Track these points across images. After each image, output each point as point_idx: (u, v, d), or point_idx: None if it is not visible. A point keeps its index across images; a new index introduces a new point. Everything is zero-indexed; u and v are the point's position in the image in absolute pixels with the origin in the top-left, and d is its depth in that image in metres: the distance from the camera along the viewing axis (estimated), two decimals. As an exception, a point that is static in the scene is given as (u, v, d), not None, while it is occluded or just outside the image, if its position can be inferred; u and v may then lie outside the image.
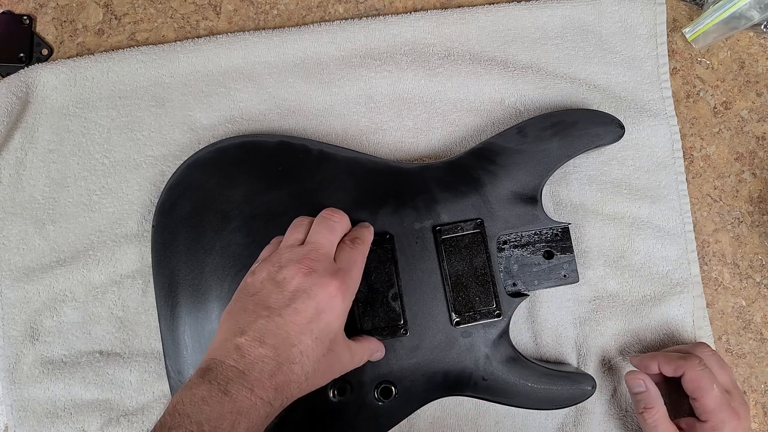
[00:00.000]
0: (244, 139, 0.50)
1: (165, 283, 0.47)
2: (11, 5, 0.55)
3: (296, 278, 0.38)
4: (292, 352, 0.36)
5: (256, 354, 0.35)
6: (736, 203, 0.55)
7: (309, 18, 0.56)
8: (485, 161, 0.49)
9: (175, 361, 0.47)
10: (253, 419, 0.34)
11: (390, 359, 0.47)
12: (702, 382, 0.45)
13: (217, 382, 0.34)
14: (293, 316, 0.37)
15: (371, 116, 0.54)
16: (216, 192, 0.48)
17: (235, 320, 0.37)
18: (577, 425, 0.51)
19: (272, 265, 0.39)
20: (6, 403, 0.50)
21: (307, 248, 0.40)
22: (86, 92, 0.53)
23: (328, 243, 0.41)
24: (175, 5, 0.56)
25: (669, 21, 0.56)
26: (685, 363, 0.46)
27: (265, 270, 0.39)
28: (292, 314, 0.37)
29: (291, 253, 0.40)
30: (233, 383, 0.34)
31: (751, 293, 0.54)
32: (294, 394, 0.37)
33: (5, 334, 0.51)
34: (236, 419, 0.33)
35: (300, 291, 0.38)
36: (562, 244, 0.49)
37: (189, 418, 0.33)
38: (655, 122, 0.54)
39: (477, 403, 0.51)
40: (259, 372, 0.35)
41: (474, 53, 0.54)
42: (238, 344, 0.36)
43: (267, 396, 0.35)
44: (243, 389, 0.34)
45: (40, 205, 0.52)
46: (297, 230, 0.42)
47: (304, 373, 0.36)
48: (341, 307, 0.39)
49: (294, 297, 0.37)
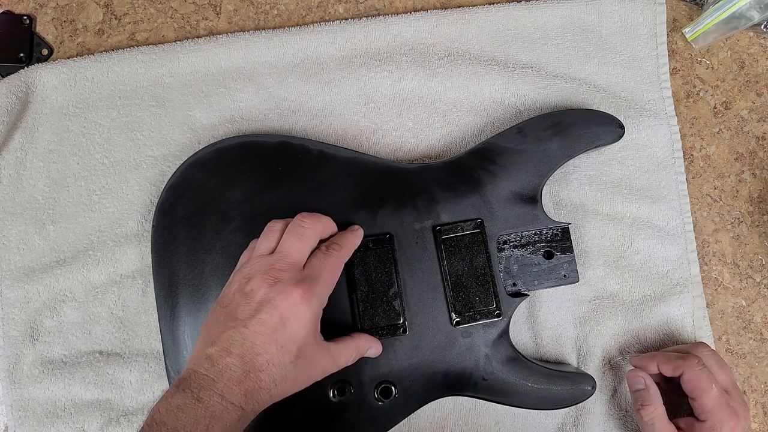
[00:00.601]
0: (244, 139, 0.50)
1: (165, 283, 0.47)
2: (11, 5, 0.55)
3: (262, 289, 0.40)
4: (257, 360, 0.38)
5: (225, 363, 0.37)
6: (736, 203, 0.55)
7: (309, 18, 0.56)
8: (485, 161, 0.49)
9: (175, 361, 0.47)
10: (226, 423, 0.36)
11: (390, 359, 0.47)
12: (701, 382, 0.46)
13: (191, 390, 0.36)
14: (258, 326, 0.38)
15: (371, 116, 0.54)
16: (216, 192, 0.48)
17: (207, 331, 0.40)
18: (577, 425, 0.51)
19: (242, 276, 0.41)
20: (6, 403, 0.50)
21: (274, 258, 0.41)
22: (86, 92, 0.53)
23: (296, 251, 0.42)
24: (175, 5, 0.56)
25: (669, 21, 0.56)
26: (684, 363, 0.46)
27: (237, 282, 0.41)
28: (257, 325, 0.38)
29: (259, 264, 0.41)
30: (205, 390, 0.36)
31: (751, 293, 0.54)
32: (264, 399, 0.38)
33: (5, 334, 0.51)
34: (209, 423, 0.36)
35: (265, 302, 0.39)
36: (562, 244, 0.49)
37: (166, 426, 0.35)
38: (655, 122, 0.54)
39: (477, 403, 0.51)
40: (227, 379, 0.37)
41: (474, 53, 0.54)
42: (208, 354, 0.38)
43: (237, 401, 0.37)
44: (214, 395, 0.36)
45: (40, 205, 0.52)
46: (268, 238, 0.43)
47: (272, 380, 0.38)
48: (307, 314, 0.40)
49: (259, 308, 0.39)
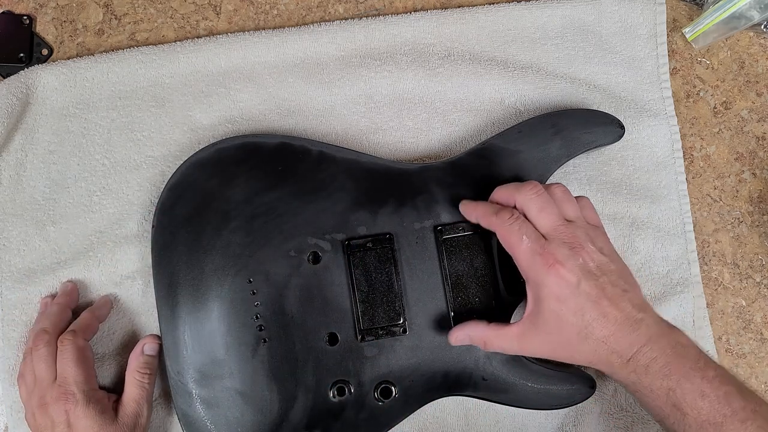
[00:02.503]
0: (244, 139, 0.50)
1: (165, 283, 0.47)
2: (11, 5, 0.55)
3: (49, 418, 0.45)
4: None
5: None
6: (736, 203, 0.55)
7: (309, 18, 0.56)
8: (485, 161, 0.49)
9: (175, 361, 0.47)
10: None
11: (390, 359, 0.47)
12: (510, 237, 0.41)
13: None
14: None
15: (371, 116, 0.54)
16: (216, 192, 0.48)
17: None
18: (576, 425, 0.51)
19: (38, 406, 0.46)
20: (6, 404, 0.50)
21: (38, 387, 0.46)
22: (86, 93, 0.53)
23: (44, 373, 0.46)
24: (175, 5, 0.56)
25: (669, 21, 0.56)
26: (496, 220, 0.42)
27: (33, 409, 0.46)
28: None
29: (39, 393, 0.46)
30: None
31: (751, 293, 0.54)
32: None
33: (5, 336, 0.51)
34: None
35: (57, 424, 0.45)
36: (562, 245, 0.49)
37: None
38: (655, 122, 0.54)
39: (477, 403, 0.51)
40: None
41: (474, 53, 0.54)
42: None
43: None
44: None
45: (41, 206, 0.52)
46: (37, 364, 0.46)
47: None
48: (71, 414, 0.44)
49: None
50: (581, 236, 0.41)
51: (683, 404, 0.39)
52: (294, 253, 0.47)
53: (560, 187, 0.44)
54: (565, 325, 0.40)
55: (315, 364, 0.47)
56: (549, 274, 0.40)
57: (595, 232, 0.43)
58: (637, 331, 0.40)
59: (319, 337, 0.47)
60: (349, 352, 0.47)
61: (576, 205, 0.44)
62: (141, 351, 0.48)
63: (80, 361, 0.46)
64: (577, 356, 0.42)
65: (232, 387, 0.46)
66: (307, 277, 0.47)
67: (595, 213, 0.45)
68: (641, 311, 0.41)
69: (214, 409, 0.46)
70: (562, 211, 0.42)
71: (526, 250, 0.41)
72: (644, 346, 0.40)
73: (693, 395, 0.39)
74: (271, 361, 0.46)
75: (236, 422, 0.46)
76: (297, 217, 0.48)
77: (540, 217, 0.42)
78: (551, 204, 0.42)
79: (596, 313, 0.40)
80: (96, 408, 0.45)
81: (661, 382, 0.39)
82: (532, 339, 0.42)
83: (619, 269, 0.42)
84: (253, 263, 0.47)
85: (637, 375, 0.40)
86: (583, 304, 0.40)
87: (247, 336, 0.46)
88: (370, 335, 0.47)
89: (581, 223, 0.42)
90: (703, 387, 0.39)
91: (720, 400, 0.38)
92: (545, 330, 0.41)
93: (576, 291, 0.40)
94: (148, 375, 0.48)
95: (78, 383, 0.45)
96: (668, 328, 0.41)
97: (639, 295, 0.42)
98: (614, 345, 0.40)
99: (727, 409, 0.38)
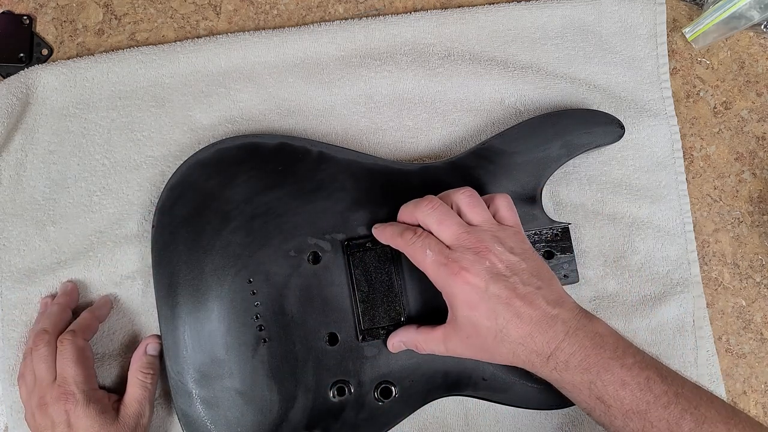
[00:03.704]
0: (244, 139, 0.50)
1: (165, 283, 0.47)
2: (11, 5, 0.55)
3: (49, 418, 0.45)
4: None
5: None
6: (736, 203, 0.55)
7: (309, 18, 0.56)
8: (485, 161, 0.49)
9: (175, 361, 0.47)
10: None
11: (390, 359, 0.47)
12: (416, 255, 0.41)
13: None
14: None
15: (371, 116, 0.54)
16: (216, 192, 0.48)
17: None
18: (576, 425, 0.51)
19: (38, 407, 0.46)
20: (6, 404, 0.50)
21: (38, 387, 0.46)
22: (86, 93, 0.53)
23: (44, 373, 0.46)
24: (175, 5, 0.56)
25: (669, 21, 0.56)
26: (401, 241, 0.42)
27: (32, 409, 0.46)
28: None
29: (39, 393, 0.46)
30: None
31: (751, 293, 0.54)
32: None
33: (5, 336, 0.51)
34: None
35: (57, 424, 0.45)
36: (562, 244, 0.49)
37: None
38: (655, 122, 0.54)
39: (477, 403, 0.51)
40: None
41: (474, 53, 0.54)
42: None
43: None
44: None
45: (41, 206, 0.52)
46: (37, 364, 0.46)
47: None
48: (71, 414, 0.44)
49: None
50: (486, 239, 0.40)
51: (605, 396, 0.38)
52: (294, 253, 0.47)
53: (465, 192, 0.43)
54: (480, 330, 0.40)
55: (315, 364, 0.47)
56: (456, 283, 0.39)
57: (505, 233, 0.41)
58: (553, 327, 0.39)
59: (319, 337, 0.47)
60: (349, 352, 0.47)
61: (482, 207, 0.42)
62: (144, 351, 0.48)
63: (80, 361, 0.46)
64: (498, 357, 0.41)
65: (232, 387, 0.46)
66: (307, 277, 0.47)
67: (510, 211, 0.43)
68: (556, 306, 0.40)
69: (214, 409, 0.46)
70: (466, 217, 0.42)
71: (431, 264, 0.40)
72: (562, 342, 0.39)
73: (614, 386, 0.38)
74: (271, 361, 0.46)
75: (236, 422, 0.46)
76: (297, 217, 0.48)
77: (441, 230, 0.41)
78: (449, 214, 0.41)
79: (510, 315, 0.39)
80: (96, 408, 0.45)
81: (581, 377, 0.39)
82: (454, 342, 0.42)
83: (532, 267, 0.41)
84: (253, 263, 0.47)
85: (559, 372, 0.39)
86: (494, 306, 0.39)
87: (247, 336, 0.47)
88: (371, 335, 0.47)
89: (487, 226, 0.41)
90: (622, 376, 0.38)
91: (641, 387, 0.38)
92: (464, 334, 0.41)
93: (485, 295, 0.39)
94: (150, 375, 0.48)
95: (78, 383, 0.45)
96: (586, 319, 0.40)
97: (555, 290, 0.41)
98: (532, 345, 0.39)
99: (649, 396, 0.37)
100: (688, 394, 0.38)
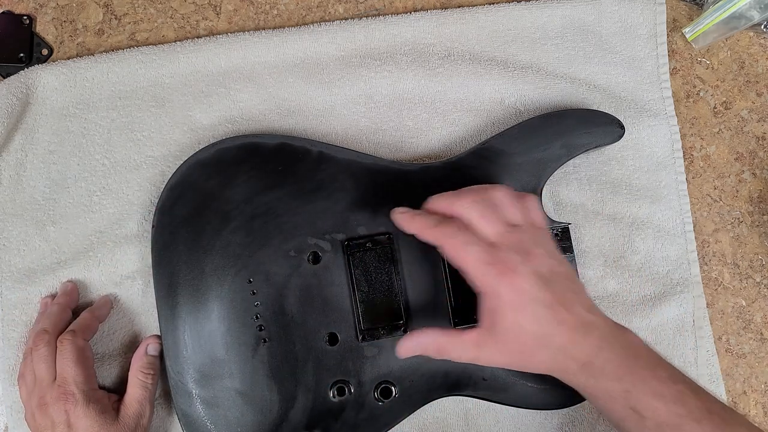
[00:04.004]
0: (244, 139, 0.50)
1: (165, 283, 0.47)
2: (11, 5, 0.55)
3: (49, 418, 0.45)
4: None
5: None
6: (736, 203, 0.55)
7: (309, 18, 0.56)
8: (485, 161, 0.49)
9: (175, 361, 0.47)
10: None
11: (390, 359, 0.47)
12: (457, 251, 0.39)
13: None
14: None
15: (371, 116, 0.54)
16: (216, 192, 0.48)
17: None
18: (576, 425, 0.51)
19: (38, 407, 0.46)
20: (6, 404, 0.50)
21: (38, 387, 0.46)
22: (86, 93, 0.53)
23: (44, 373, 0.46)
24: (175, 5, 0.56)
25: (669, 21, 0.56)
26: (437, 231, 0.40)
27: (32, 409, 0.46)
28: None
29: (39, 393, 0.46)
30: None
31: (751, 293, 0.54)
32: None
33: (5, 336, 0.51)
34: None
35: (57, 424, 0.45)
36: (562, 244, 0.49)
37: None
38: (655, 122, 0.54)
39: (477, 403, 0.51)
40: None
41: (474, 53, 0.54)
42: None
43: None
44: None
45: (41, 206, 0.52)
46: (37, 364, 0.46)
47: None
48: (71, 414, 0.44)
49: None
50: (528, 241, 0.39)
51: (640, 406, 0.37)
52: (294, 253, 0.48)
53: (501, 189, 0.41)
54: (521, 334, 0.38)
55: (315, 364, 0.47)
56: (502, 284, 0.38)
57: (541, 235, 0.41)
58: (591, 334, 0.38)
59: (319, 337, 0.47)
60: (349, 352, 0.47)
61: (519, 207, 0.41)
62: (144, 351, 0.48)
63: (80, 361, 0.46)
64: (534, 364, 0.40)
65: (232, 387, 0.46)
66: (307, 277, 0.47)
67: (539, 213, 0.42)
68: (592, 313, 0.39)
69: (214, 409, 0.46)
70: (505, 215, 0.40)
71: (474, 261, 0.38)
72: (600, 349, 0.38)
73: (649, 397, 0.37)
74: (271, 361, 0.46)
75: (236, 422, 0.46)
76: (297, 217, 0.48)
77: (483, 225, 0.39)
78: (493, 210, 0.40)
79: (554, 320, 0.38)
80: (96, 408, 0.45)
81: (617, 385, 0.38)
82: (489, 348, 0.40)
83: (567, 271, 0.40)
84: (253, 263, 0.47)
85: (595, 379, 0.38)
86: (539, 311, 0.38)
87: (247, 336, 0.47)
88: (371, 335, 0.47)
89: (527, 227, 0.40)
90: (658, 387, 0.37)
91: (675, 400, 0.37)
92: (503, 339, 0.39)
93: (531, 298, 0.38)
94: (151, 375, 0.48)
95: (78, 383, 0.45)
96: (619, 329, 0.40)
97: (588, 297, 0.40)
98: (572, 351, 0.38)
99: (682, 409, 0.37)
100: (720, 411, 0.37)
